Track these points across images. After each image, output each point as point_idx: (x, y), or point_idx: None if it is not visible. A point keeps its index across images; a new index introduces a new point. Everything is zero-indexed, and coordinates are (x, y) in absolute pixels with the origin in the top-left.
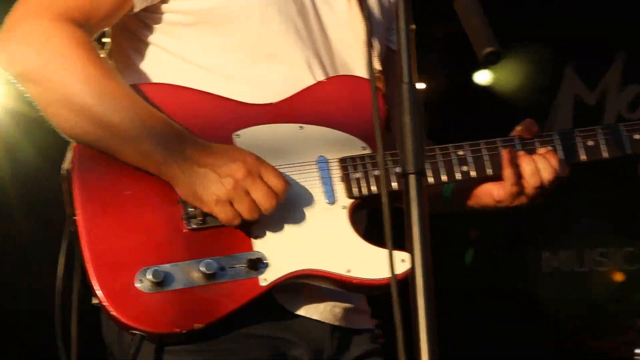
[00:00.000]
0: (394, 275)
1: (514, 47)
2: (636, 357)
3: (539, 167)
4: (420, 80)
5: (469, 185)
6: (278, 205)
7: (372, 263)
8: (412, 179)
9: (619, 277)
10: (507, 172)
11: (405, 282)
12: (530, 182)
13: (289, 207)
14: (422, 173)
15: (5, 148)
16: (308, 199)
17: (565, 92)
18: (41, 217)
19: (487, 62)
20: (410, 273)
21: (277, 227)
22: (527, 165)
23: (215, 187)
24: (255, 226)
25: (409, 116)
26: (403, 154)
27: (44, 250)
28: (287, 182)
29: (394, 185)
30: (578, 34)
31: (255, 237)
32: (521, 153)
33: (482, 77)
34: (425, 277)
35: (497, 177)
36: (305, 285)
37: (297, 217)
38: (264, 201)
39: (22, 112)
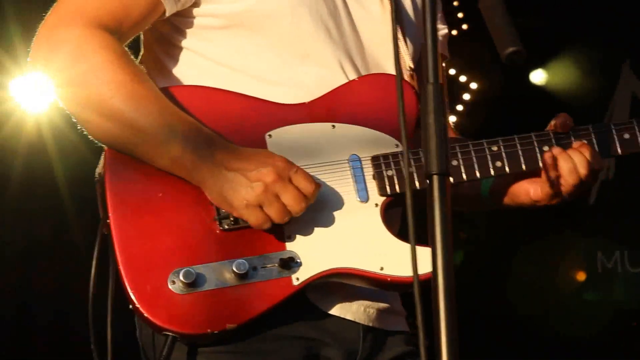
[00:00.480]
0: (416, 274)
1: (570, 46)
2: None
3: (575, 164)
4: (475, 80)
5: (507, 183)
6: (308, 207)
7: (406, 260)
8: (435, 180)
9: None
10: (546, 174)
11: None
12: (569, 180)
13: (321, 205)
14: (445, 174)
15: (59, 149)
16: (340, 198)
17: (622, 90)
18: (95, 218)
19: (510, 62)
20: (432, 273)
21: (309, 226)
22: (564, 163)
23: (244, 192)
24: (287, 225)
25: (434, 117)
26: (427, 154)
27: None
28: (318, 184)
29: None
30: (635, 33)
31: (288, 237)
32: (557, 152)
33: (538, 76)
34: (447, 278)
35: (532, 173)
36: (339, 284)
37: (329, 215)
38: (294, 204)
39: None
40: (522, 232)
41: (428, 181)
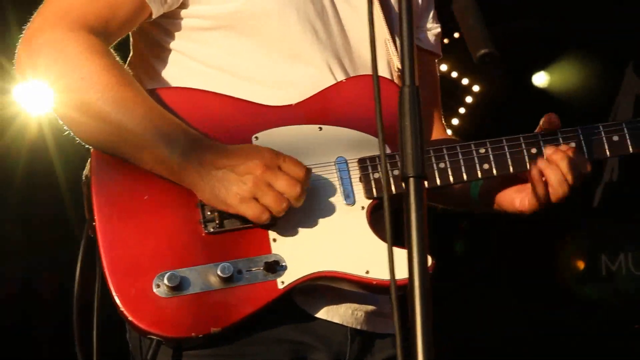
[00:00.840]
0: (393, 278)
1: (573, 48)
2: None
3: (564, 173)
4: (477, 83)
5: (496, 186)
6: (304, 192)
7: None
8: (411, 183)
9: None
10: (534, 190)
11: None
12: (559, 191)
13: (307, 208)
14: (421, 177)
15: (61, 151)
16: (326, 200)
17: (625, 92)
18: None
19: (482, 63)
20: (408, 276)
21: (294, 228)
22: (554, 175)
23: (236, 187)
24: (272, 228)
25: (409, 119)
26: (403, 157)
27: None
28: (309, 168)
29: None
30: (639, 35)
31: (273, 240)
32: (544, 165)
33: (541, 78)
34: (422, 281)
35: (520, 175)
36: (326, 287)
37: (315, 218)
38: (289, 189)
39: None
40: (525, 235)
41: (404, 184)
